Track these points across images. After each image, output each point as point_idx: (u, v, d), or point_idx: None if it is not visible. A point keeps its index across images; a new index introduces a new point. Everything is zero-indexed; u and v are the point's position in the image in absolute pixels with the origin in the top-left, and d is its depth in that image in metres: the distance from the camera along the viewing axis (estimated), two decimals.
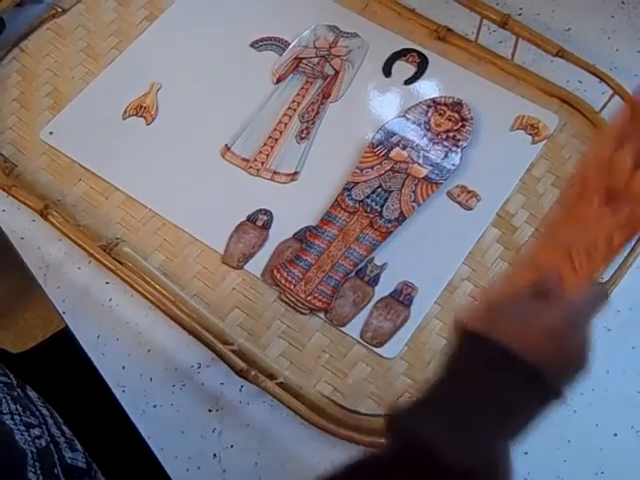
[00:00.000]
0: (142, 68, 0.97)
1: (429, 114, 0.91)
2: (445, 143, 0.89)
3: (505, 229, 0.85)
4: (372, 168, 0.87)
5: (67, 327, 0.82)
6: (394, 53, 0.97)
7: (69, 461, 0.61)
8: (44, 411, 0.62)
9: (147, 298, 0.80)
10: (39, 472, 0.54)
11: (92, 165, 0.90)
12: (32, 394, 0.64)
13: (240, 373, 0.74)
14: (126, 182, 0.89)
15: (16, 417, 0.56)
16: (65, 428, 0.64)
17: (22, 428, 0.56)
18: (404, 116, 0.91)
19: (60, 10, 1.03)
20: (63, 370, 0.83)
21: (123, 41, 1.00)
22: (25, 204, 0.86)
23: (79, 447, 0.65)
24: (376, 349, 0.78)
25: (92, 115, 0.94)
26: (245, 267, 0.83)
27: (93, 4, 1.04)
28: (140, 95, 0.95)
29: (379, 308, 0.80)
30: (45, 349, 0.98)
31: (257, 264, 0.83)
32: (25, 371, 0.69)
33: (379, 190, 0.86)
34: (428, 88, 0.94)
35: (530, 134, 0.90)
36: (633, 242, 0.63)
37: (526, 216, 0.85)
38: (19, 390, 0.61)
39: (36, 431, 0.58)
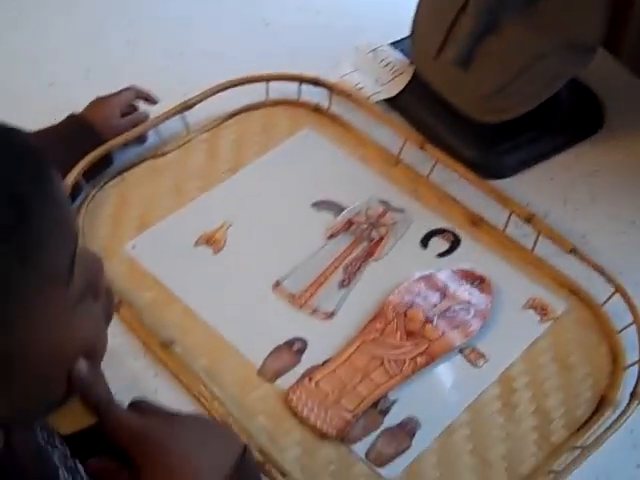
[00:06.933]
0: (218, 208, 1.15)
1: (452, 282, 1.06)
2: (461, 315, 1.02)
3: (506, 389, 0.96)
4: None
5: None
6: (432, 230, 1.14)
7: None
8: None
9: (190, 392, 0.93)
10: None
11: (162, 278, 1.06)
12: (80, 469, 0.67)
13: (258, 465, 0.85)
14: (188, 295, 1.04)
15: None
16: None
17: None
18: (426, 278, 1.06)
19: (160, 153, 1.23)
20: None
21: (206, 185, 1.19)
22: None
23: None
24: (377, 469, 0.89)
25: (169, 238, 1.11)
26: (276, 382, 0.96)
27: (188, 153, 1.24)
28: (212, 229, 1.12)
29: (385, 436, 0.91)
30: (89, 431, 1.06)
31: (286, 382, 0.96)
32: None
33: None
34: (457, 263, 1.10)
35: (539, 314, 1.04)
36: None
37: (526, 381, 0.97)
38: (72, 461, 0.65)
39: None
